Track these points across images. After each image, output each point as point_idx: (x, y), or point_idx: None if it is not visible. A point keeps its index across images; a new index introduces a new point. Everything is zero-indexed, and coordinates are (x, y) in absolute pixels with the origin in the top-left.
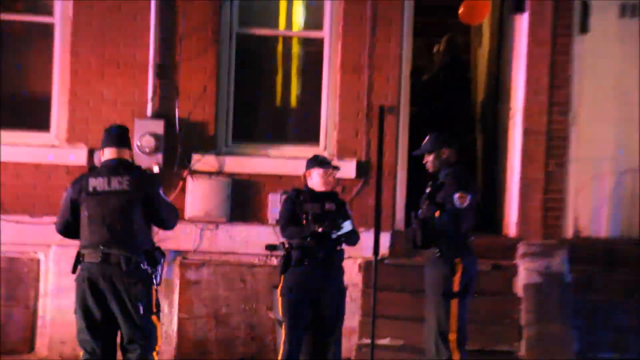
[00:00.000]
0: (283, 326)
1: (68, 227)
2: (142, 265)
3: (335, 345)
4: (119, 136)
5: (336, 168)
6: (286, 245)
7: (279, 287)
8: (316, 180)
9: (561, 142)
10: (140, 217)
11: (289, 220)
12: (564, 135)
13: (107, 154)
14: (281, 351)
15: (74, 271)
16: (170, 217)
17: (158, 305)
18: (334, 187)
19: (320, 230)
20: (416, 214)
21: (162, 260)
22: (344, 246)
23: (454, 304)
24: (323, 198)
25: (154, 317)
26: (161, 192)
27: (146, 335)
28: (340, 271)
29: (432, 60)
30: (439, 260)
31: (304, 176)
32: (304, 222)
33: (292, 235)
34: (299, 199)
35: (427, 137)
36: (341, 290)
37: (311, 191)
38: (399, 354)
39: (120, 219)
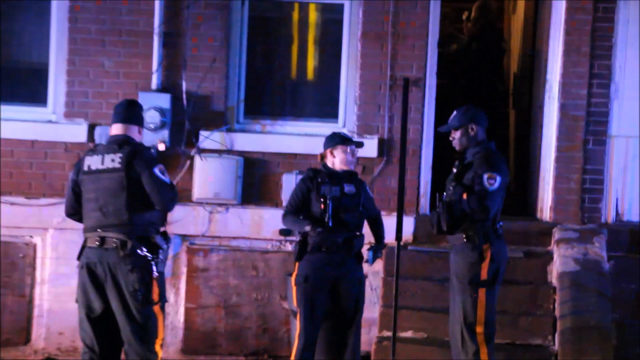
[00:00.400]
0: (297, 317)
1: (73, 209)
2: (139, 251)
3: (354, 338)
4: (126, 111)
5: (360, 144)
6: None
7: (294, 275)
8: (338, 159)
9: (601, 117)
10: (134, 197)
11: (296, 206)
12: (605, 110)
13: (113, 130)
14: (295, 344)
15: (79, 257)
16: (164, 197)
17: (162, 295)
18: (355, 166)
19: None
20: (441, 196)
21: (165, 246)
22: (364, 231)
23: (482, 293)
24: (342, 179)
25: (155, 308)
26: (156, 169)
27: (145, 328)
28: (359, 258)
29: (461, 28)
30: (466, 247)
31: (321, 156)
32: (322, 206)
33: (288, 226)
34: (316, 180)
35: (454, 112)
36: (361, 279)
37: (330, 171)
38: (423, 348)
39: (112, 200)
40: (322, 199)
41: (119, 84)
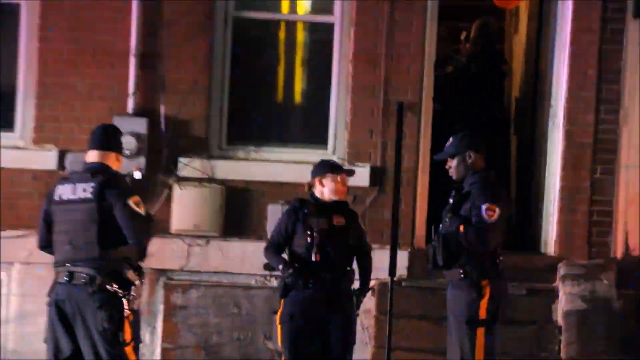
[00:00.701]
0: (282, 359)
1: (47, 242)
2: (109, 287)
3: None
4: (104, 137)
5: (351, 172)
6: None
7: (279, 314)
8: (328, 188)
9: (610, 145)
10: (107, 229)
11: (278, 240)
12: (613, 137)
13: (89, 157)
14: None
15: (49, 294)
16: (138, 230)
17: (136, 335)
18: (346, 196)
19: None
20: (438, 228)
21: (138, 281)
22: (354, 266)
23: (481, 333)
24: (331, 210)
25: (127, 349)
26: (130, 201)
27: None
28: (349, 296)
29: (458, 49)
30: (464, 283)
31: (309, 185)
32: (308, 239)
33: (269, 261)
34: (303, 212)
35: (451, 139)
36: (350, 318)
37: (317, 202)
38: None
39: (83, 232)
40: (308, 232)
41: (92, 108)
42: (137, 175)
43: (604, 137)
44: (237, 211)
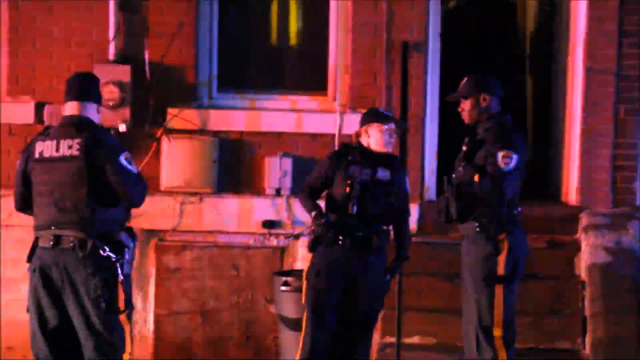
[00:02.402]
0: (304, 319)
1: (25, 202)
2: (101, 251)
3: (364, 348)
4: (82, 86)
5: (400, 123)
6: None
7: (305, 269)
8: (374, 139)
9: (634, 82)
10: (97, 189)
11: (314, 185)
12: (637, 73)
13: (67, 109)
14: (299, 351)
15: (29, 259)
16: (133, 190)
17: (128, 302)
18: (393, 148)
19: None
20: (450, 178)
21: (131, 244)
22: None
23: (499, 291)
24: (377, 162)
25: (121, 317)
26: (122, 158)
27: (110, 341)
28: (382, 257)
29: None
30: (480, 237)
31: (356, 134)
32: (347, 189)
33: (303, 205)
34: (346, 159)
35: (465, 80)
36: (381, 282)
37: (363, 151)
38: (432, 355)
39: (71, 193)
40: (348, 182)
41: (70, 55)
42: (122, 128)
43: (627, 73)
44: (232, 165)
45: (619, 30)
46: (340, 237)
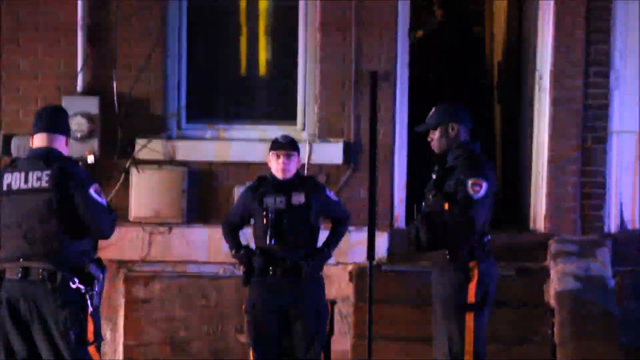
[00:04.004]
0: (250, 353)
1: None
2: (71, 283)
3: None
4: (51, 119)
5: (291, 147)
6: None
7: (244, 304)
8: (273, 166)
9: (601, 111)
10: (66, 222)
11: (232, 218)
12: (605, 102)
13: (36, 141)
14: None
15: None
16: (103, 222)
17: (97, 333)
18: (291, 173)
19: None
20: (420, 207)
21: (100, 275)
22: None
23: (470, 318)
24: (291, 188)
25: (91, 349)
26: (92, 190)
27: None
28: (317, 282)
29: (432, 12)
30: (450, 265)
31: (269, 161)
32: (265, 220)
33: (225, 240)
34: (259, 191)
35: (433, 110)
36: (318, 309)
37: (275, 180)
38: None
39: (40, 225)
40: (264, 213)
41: (38, 87)
42: (90, 159)
43: (594, 102)
44: (200, 195)
45: (586, 60)
46: (271, 268)
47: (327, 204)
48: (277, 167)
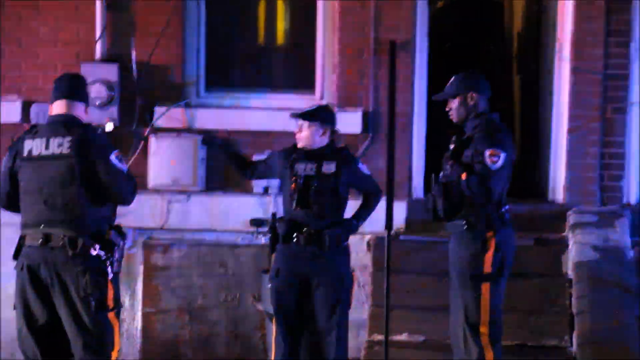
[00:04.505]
0: (273, 321)
1: (10, 200)
2: (92, 249)
3: (334, 347)
4: (71, 86)
5: (305, 117)
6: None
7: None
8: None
9: (621, 81)
10: (88, 188)
11: (258, 162)
12: (625, 72)
13: (55, 108)
14: (272, 353)
15: (15, 257)
16: (124, 189)
17: (117, 300)
18: (312, 143)
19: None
20: (437, 177)
21: (120, 242)
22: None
23: (486, 288)
24: (322, 157)
25: (110, 315)
26: (113, 157)
27: (100, 339)
28: (341, 252)
29: None
30: (467, 235)
31: None
32: (293, 185)
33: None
34: (292, 156)
35: (452, 78)
36: (341, 277)
37: (307, 148)
38: (420, 352)
39: (61, 191)
40: (293, 178)
41: (57, 54)
42: (110, 126)
43: (613, 72)
44: (219, 163)
45: (606, 30)
46: (294, 235)
47: (358, 176)
48: (298, 136)
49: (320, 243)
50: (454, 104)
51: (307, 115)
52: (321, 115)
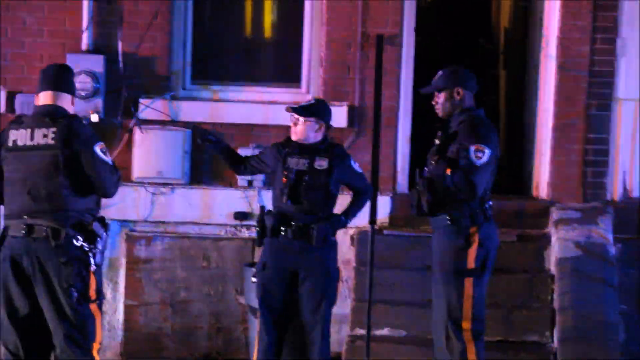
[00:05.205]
0: (258, 315)
1: None
2: (75, 240)
3: (319, 342)
4: (57, 77)
5: (298, 112)
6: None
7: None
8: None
9: (606, 77)
10: (72, 179)
11: (249, 158)
12: (610, 69)
13: (41, 99)
14: (255, 347)
15: None
16: (108, 181)
17: (99, 291)
18: (307, 138)
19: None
20: (422, 171)
21: (103, 234)
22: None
23: (469, 284)
24: (314, 151)
25: (92, 306)
26: (97, 148)
27: (81, 330)
28: (328, 247)
29: None
30: (451, 230)
31: None
32: (284, 179)
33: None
34: (285, 150)
35: (439, 72)
36: (327, 272)
37: (300, 142)
38: (401, 347)
39: (45, 182)
40: (285, 172)
41: (43, 44)
42: (94, 118)
43: (599, 69)
44: (203, 156)
45: (593, 26)
46: (282, 228)
47: (349, 173)
48: (291, 130)
49: (308, 237)
50: (440, 98)
51: (303, 111)
52: (317, 111)
